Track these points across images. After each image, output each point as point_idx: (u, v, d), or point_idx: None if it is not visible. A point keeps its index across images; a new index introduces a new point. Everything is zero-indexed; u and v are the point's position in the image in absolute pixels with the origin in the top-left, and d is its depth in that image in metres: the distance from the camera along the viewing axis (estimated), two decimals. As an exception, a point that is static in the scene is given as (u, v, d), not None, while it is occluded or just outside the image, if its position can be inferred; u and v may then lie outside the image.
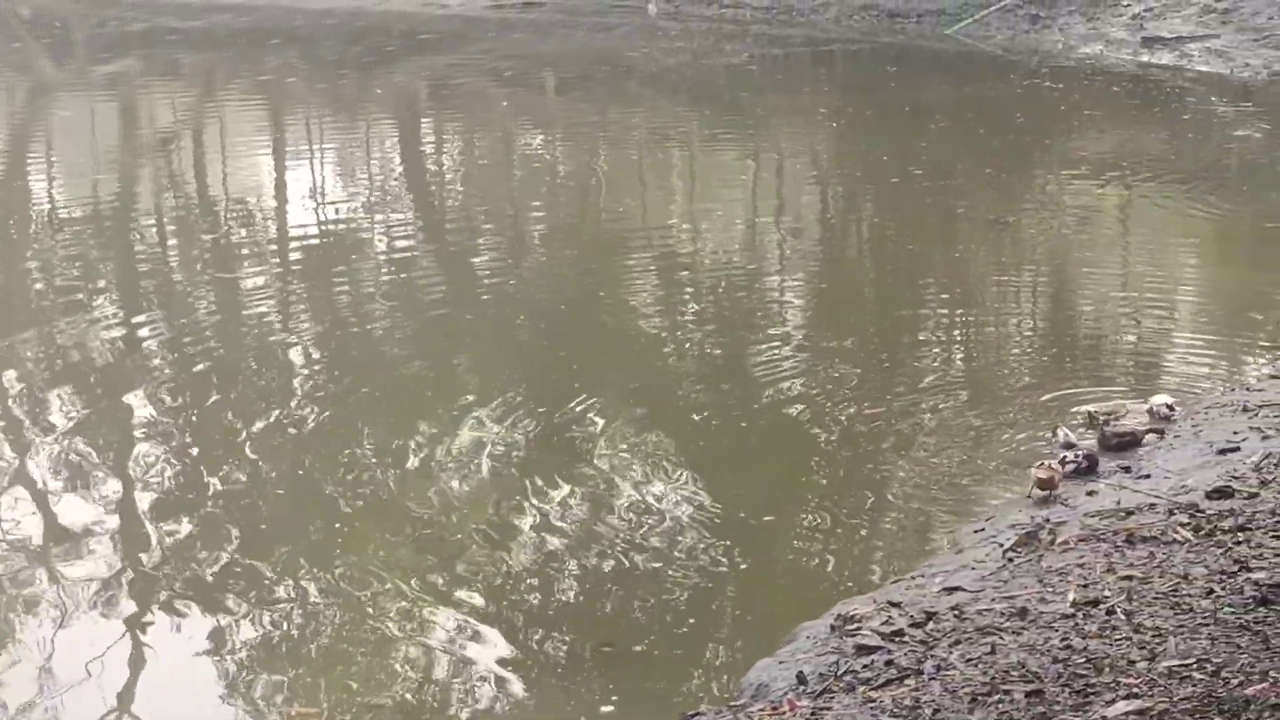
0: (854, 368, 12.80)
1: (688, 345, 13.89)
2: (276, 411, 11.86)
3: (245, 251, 17.13)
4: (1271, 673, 6.53)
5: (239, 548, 9.71)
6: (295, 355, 13.31)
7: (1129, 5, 31.30)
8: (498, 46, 33.10)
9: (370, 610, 8.99)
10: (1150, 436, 10.62)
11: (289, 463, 11.00)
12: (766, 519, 10.08)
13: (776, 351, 13.34)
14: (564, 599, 9.12)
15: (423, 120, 26.70)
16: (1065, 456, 10.10)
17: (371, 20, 36.35)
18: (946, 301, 15.06)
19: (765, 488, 10.60)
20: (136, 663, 8.60)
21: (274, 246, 17.44)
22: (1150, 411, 11.10)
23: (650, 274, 16.00)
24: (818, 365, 12.90)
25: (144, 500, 10.40)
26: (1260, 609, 7.23)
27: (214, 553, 9.64)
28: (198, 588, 9.26)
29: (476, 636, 8.76)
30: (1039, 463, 9.93)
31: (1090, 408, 11.47)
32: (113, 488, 10.65)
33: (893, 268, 16.33)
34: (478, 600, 9.11)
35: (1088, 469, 9.99)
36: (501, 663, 8.51)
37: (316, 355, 13.37)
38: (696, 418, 11.98)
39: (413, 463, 10.86)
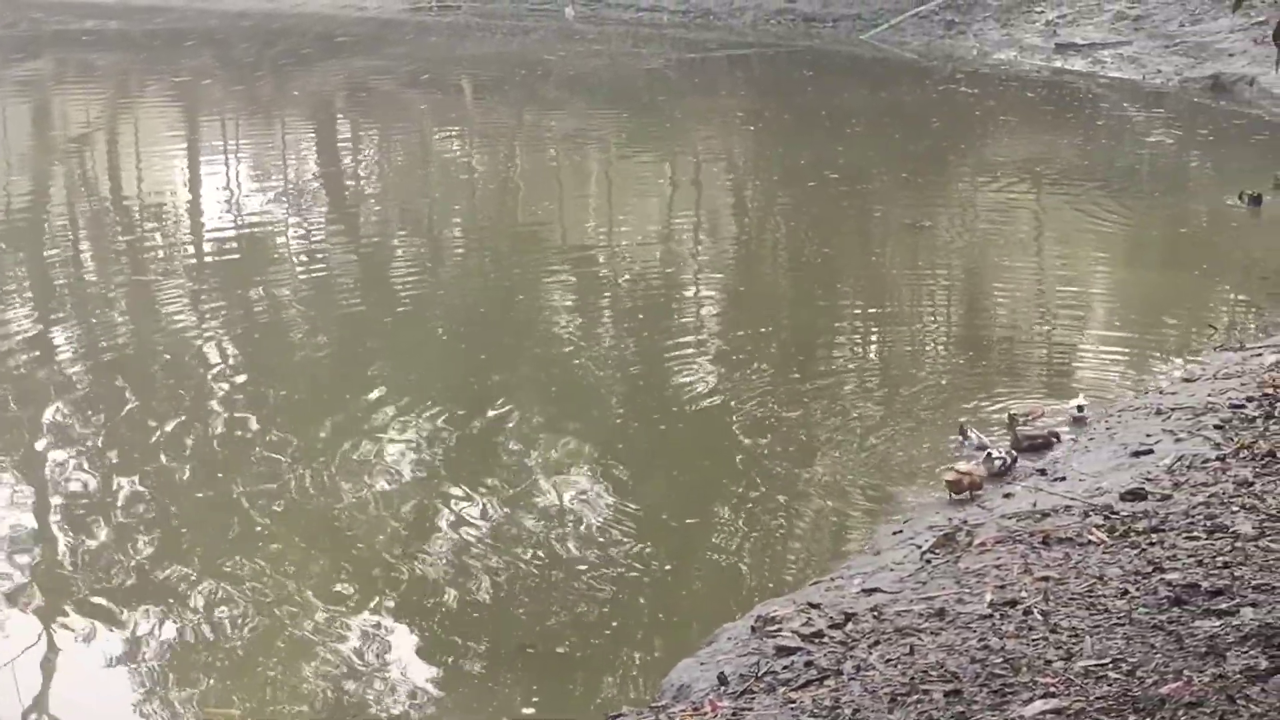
0: (771, 370, 12.85)
1: (605, 348, 13.90)
2: (191, 415, 11.76)
3: (160, 254, 16.99)
4: (1185, 672, 6.60)
5: (153, 552, 9.63)
6: (210, 358, 13.20)
7: (1043, 12, 31.60)
8: (415, 49, 33.01)
9: (287, 613, 8.94)
10: (1064, 438, 10.73)
11: (204, 466, 10.92)
12: (686, 521, 10.10)
13: (694, 354, 13.37)
14: (484, 601, 9.10)
15: (339, 123, 26.58)
16: (988, 455, 10.18)
17: (288, 22, 36.17)
18: (863, 304, 15.15)
19: (684, 490, 10.62)
20: (49, 666, 8.52)
21: (189, 249, 17.32)
22: (1063, 411, 11.23)
23: (568, 277, 16.00)
24: (735, 368, 12.94)
25: (55, 505, 10.29)
26: (1174, 609, 7.31)
27: (128, 557, 9.56)
28: (112, 592, 9.18)
29: (395, 639, 8.74)
30: (956, 465, 10.00)
31: (1007, 409, 11.59)
32: (24, 492, 10.55)
33: (810, 271, 16.39)
34: (396, 603, 9.09)
35: (1004, 471, 10.08)
36: (420, 665, 8.49)
37: (232, 358, 13.28)
38: (614, 421, 12.00)
39: (329, 466, 10.79)
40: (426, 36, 34.79)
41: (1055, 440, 10.74)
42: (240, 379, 12.76)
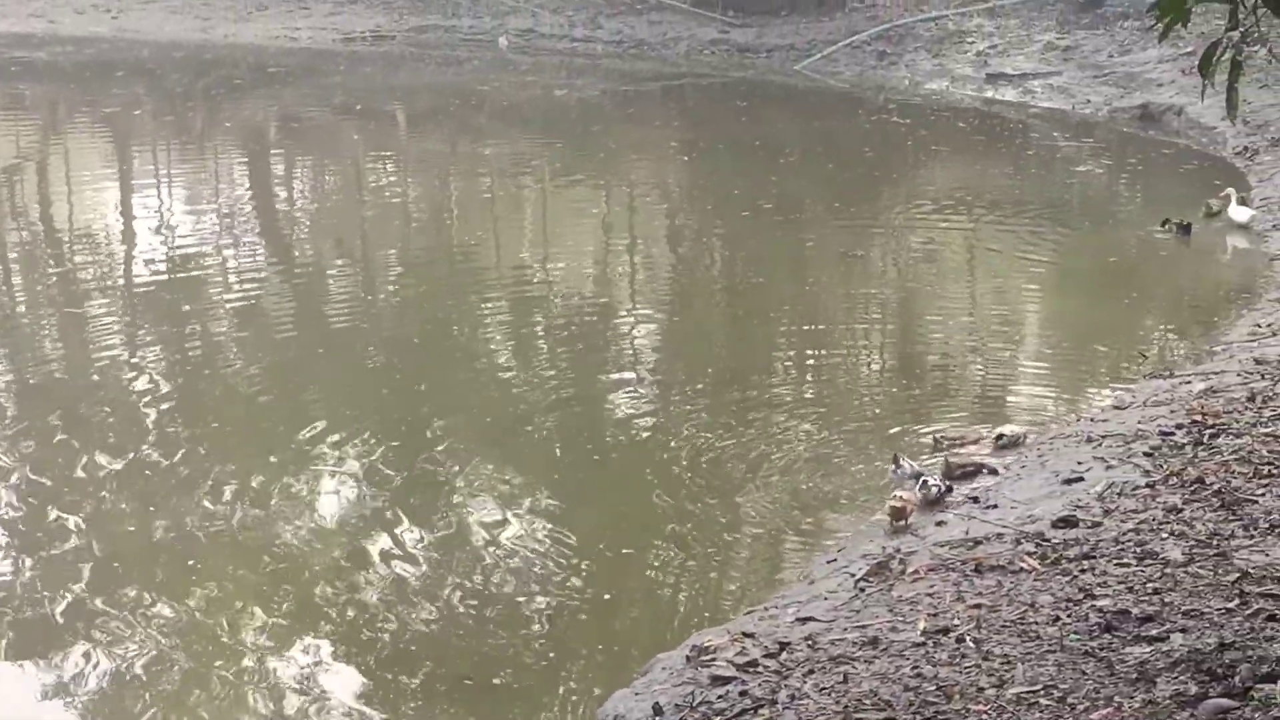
0: (706, 401, 12.88)
1: (541, 379, 13.89)
2: (126, 448, 11.67)
3: (92, 286, 16.87)
4: (1116, 698, 6.66)
5: (89, 586, 9.54)
6: (144, 391, 13.11)
7: (974, 42, 31.88)
8: (348, 80, 32.96)
9: (222, 648, 8.88)
10: (994, 466, 10.80)
11: (139, 500, 10.83)
12: (622, 551, 10.12)
13: (629, 385, 13.40)
14: (420, 633, 9.07)
15: (272, 153, 26.48)
16: (923, 483, 10.23)
17: (220, 53, 36.05)
18: (797, 334, 15.22)
19: (620, 520, 10.62)
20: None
21: (121, 281, 17.19)
22: (995, 439, 11.32)
23: (503, 308, 15.99)
24: (670, 398, 12.97)
25: (-12, 539, 10.20)
26: (1105, 635, 7.38)
27: (63, 591, 9.46)
28: (41, 628, 9.09)
29: (332, 671, 8.70)
30: (898, 493, 10.05)
31: (937, 433, 11.68)
32: (-45, 527, 10.44)
33: (744, 301, 16.44)
34: (333, 635, 9.05)
35: (939, 499, 10.13)
36: (357, 697, 8.45)
37: (166, 391, 13.19)
38: (550, 451, 12.00)
39: (265, 498, 10.75)
40: (360, 67, 34.75)
41: (982, 468, 10.81)
42: (173, 411, 12.68)
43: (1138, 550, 8.51)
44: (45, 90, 31.91)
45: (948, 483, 10.36)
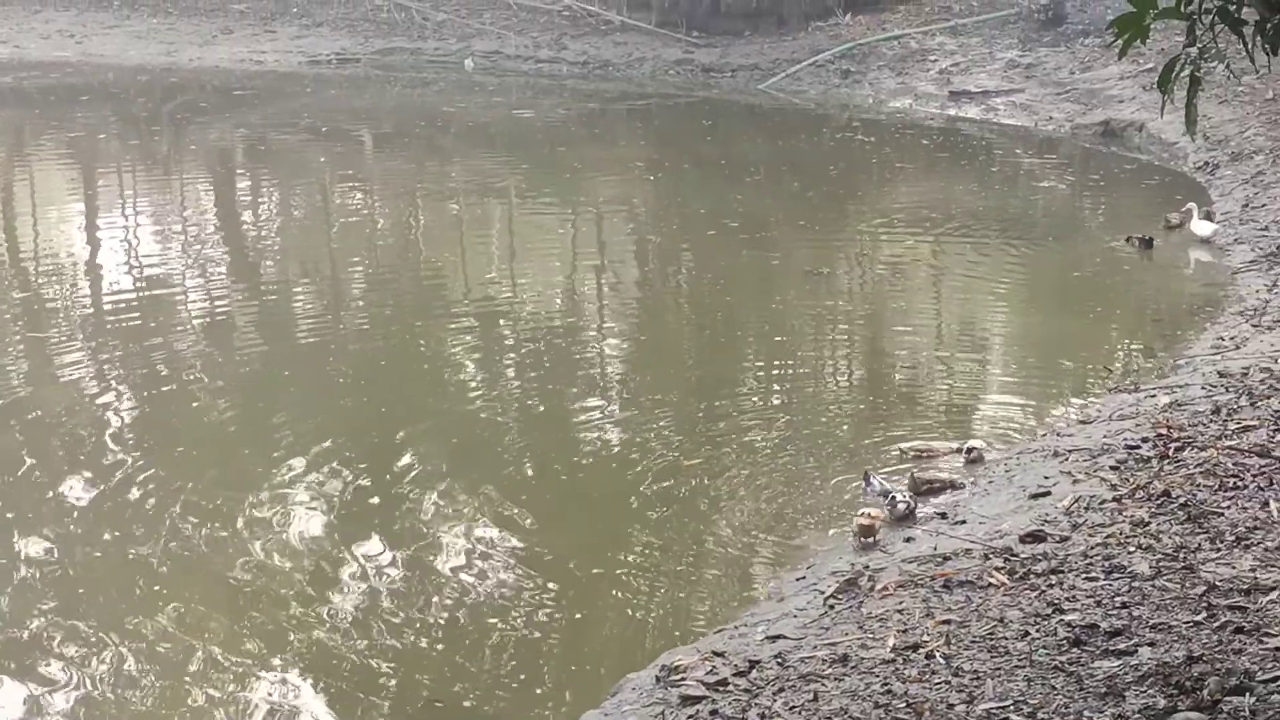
0: (674, 419, 12.91)
1: (508, 399, 13.90)
2: (91, 473, 11.65)
3: (58, 310, 16.82)
4: (1085, 713, 6.69)
5: (54, 612, 9.51)
6: (109, 415, 13.07)
7: (936, 60, 32.01)
8: (314, 102, 32.94)
9: (191, 670, 8.87)
10: (962, 481, 10.85)
11: (105, 525, 10.79)
12: (591, 571, 10.12)
13: (597, 405, 13.41)
14: (391, 656, 9.06)
15: (239, 176, 26.43)
16: (891, 500, 10.27)
17: (185, 76, 36.00)
18: (764, 352, 15.25)
19: (589, 540, 10.63)
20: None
21: (87, 305, 17.15)
22: (962, 454, 11.38)
23: (470, 328, 16.00)
24: (638, 417, 12.99)
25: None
26: (1073, 650, 7.41)
27: (28, 618, 9.43)
28: (11, 653, 9.06)
29: (301, 695, 8.68)
30: (867, 510, 10.09)
31: (905, 448, 11.74)
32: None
33: (711, 319, 16.48)
34: (302, 660, 9.03)
35: (907, 515, 10.17)
36: (327, 723, 8.45)
37: (131, 414, 13.16)
38: (518, 471, 12.00)
39: (232, 522, 10.73)
40: (325, 89, 34.74)
41: (949, 484, 10.86)
42: (139, 436, 12.64)
43: (1105, 564, 8.55)
44: (10, 115, 31.84)
45: (916, 499, 10.40)
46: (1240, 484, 9.65)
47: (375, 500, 11.25)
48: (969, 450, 11.39)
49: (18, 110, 32.34)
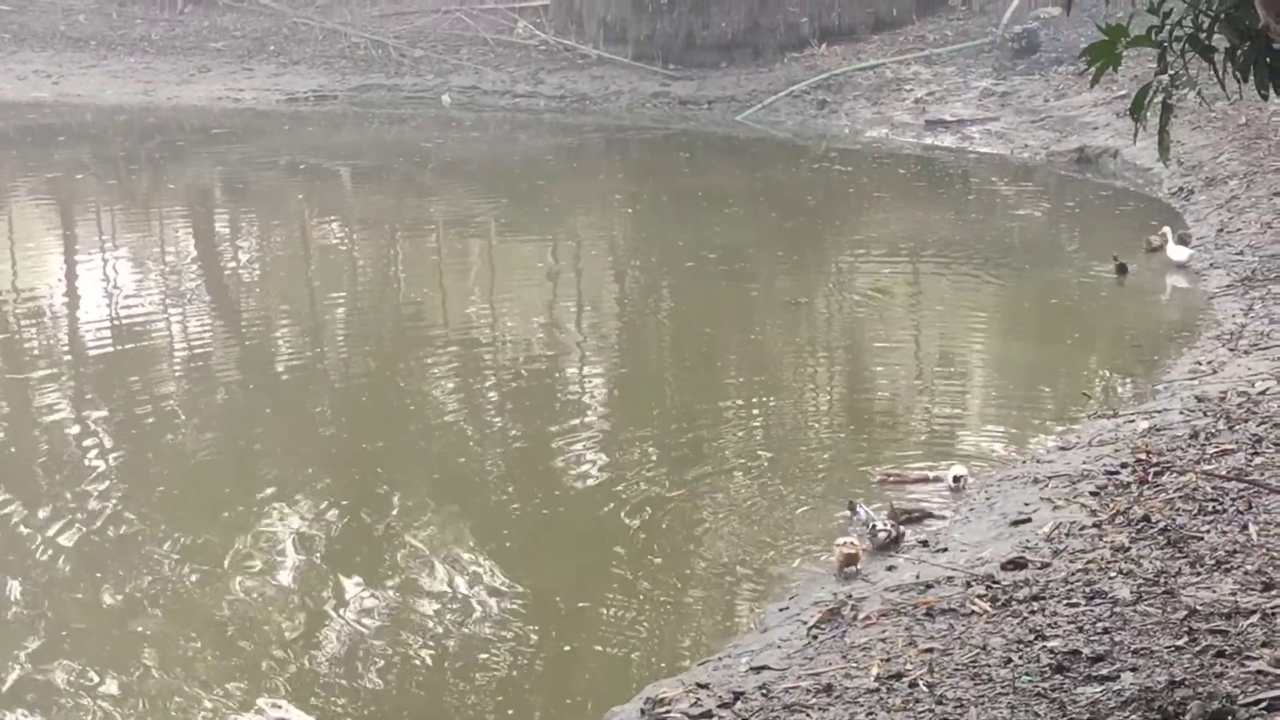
0: (655, 451, 12.93)
1: (490, 434, 13.91)
2: (71, 514, 11.61)
3: (37, 351, 16.80)
4: (1068, 737, 6.72)
5: (35, 656, 9.48)
6: (91, 455, 13.06)
7: (912, 89, 32.14)
8: (292, 139, 32.98)
9: (174, 713, 8.84)
10: (942, 510, 10.89)
11: (86, 565, 10.77)
12: (574, 604, 10.12)
13: (578, 438, 13.42)
14: (376, 692, 9.05)
15: (217, 215, 26.43)
16: (872, 529, 10.30)
17: (163, 115, 36.02)
18: (744, 382, 15.27)
19: (572, 573, 10.64)
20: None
21: (67, 345, 17.14)
22: (945, 481, 11.42)
23: (451, 363, 16.00)
24: (619, 450, 13.00)
25: (-65, 610, 10.12)
26: (1056, 676, 7.44)
27: (8, 662, 9.40)
28: (-5, 697, 9.05)
29: (285, 735, 8.67)
30: (842, 540, 10.11)
31: (886, 476, 11.78)
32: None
33: (691, 351, 16.51)
34: (286, 696, 9.00)
35: (890, 544, 10.20)
36: (312, 761, 8.43)
37: (111, 455, 13.14)
38: (501, 506, 12.00)
39: (214, 561, 10.71)
40: (303, 126, 34.77)
41: (935, 513, 10.90)
42: (121, 476, 12.63)
43: (1087, 590, 8.58)
44: (-14, 157, 31.81)
45: (899, 527, 10.43)
46: (1219, 508, 9.70)
47: (357, 537, 11.24)
48: (955, 478, 11.42)
49: (-6, 151, 32.34)
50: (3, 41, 42.04)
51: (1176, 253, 18.33)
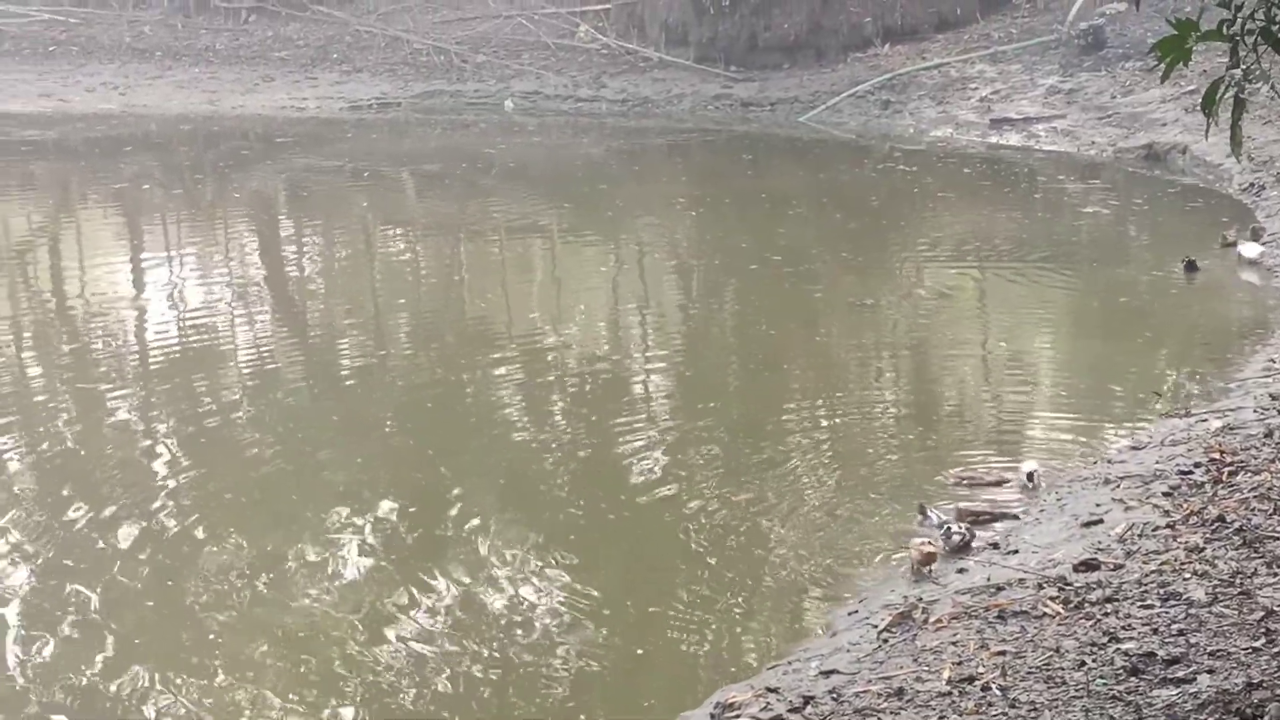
0: (721, 454, 12.86)
1: (555, 438, 13.88)
2: (141, 522, 11.65)
3: (106, 360, 16.89)
4: (1145, 741, 6.62)
5: (107, 663, 9.51)
6: (158, 464, 13.11)
7: (977, 88, 31.96)
8: (355, 147, 33.11)
9: (244, 718, 8.85)
10: (1014, 511, 10.79)
11: (156, 574, 10.80)
12: (642, 609, 10.07)
13: (643, 441, 13.37)
14: (443, 699, 9.02)
15: (282, 222, 26.57)
16: (945, 531, 10.21)
17: (227, 125, 36.25)
18: (810, 385, 15.19)
19: (639, 578, 10.60)
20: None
21: (135, 354, 17.22)
22: (1017, 481, 11.32)
23: (515, 368, 15.99)
24: (685, 453, 12.95)
25: (3, 619, 10.13)
26: (1131, 679, 7.34)
27: (81, 669, 9.43)
28: (64, 706, 9.06)
29: (354, 742, 8.66)
30: (918, 540, 10.04)
31: (956, 478, 11.69)
32: (-27, 606, 10.40)
33: (756, 353, 16.43)
34: (354, 706, 9.00)
35: (962, 546, 10.10)
36: (380, 768, 8.41)
37: (181, 462, 13.19)
38: (566, 511, 11.96)
39: (281, 568, 10.73)
40: (367, 134, 34.92)
41: (1005, 514, 10.80)
42: (190, 483, 12.66)
43: (1161, 591, 8.47)
44: (56, 168, 32.07)
45: (971, 529, 10.33)
46: (1296, 507, 9.57)
47: (424, 541, 11.24)
48: (1028, 474, 11.32)
49: (63, 163, 32.61)
50: (71, 54, 42.44)
51: (1248, 249, 18.14)
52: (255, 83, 39.23)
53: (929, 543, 9.98)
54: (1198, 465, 10.73)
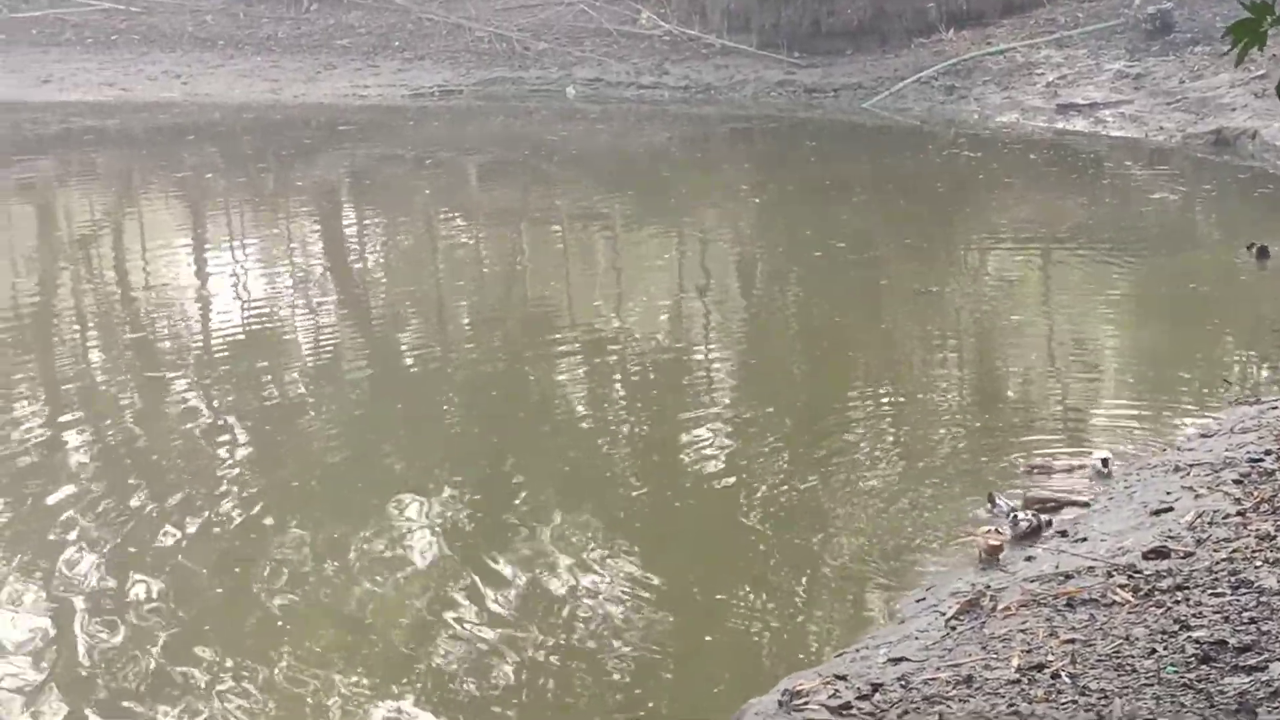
0: (785, 441, 12.81)
1: (618, 426, 13.86)
2: (206, 510, 11.70)
3: (170, 349, 16.97)
4: (1218, 730, 6.54)
5: (171, 651, 9.53)
6: (223, 452, 13.16)
7: (1043, 73, 31.72)
8: (418, 134, 33.18)
9: (307, 706, 8.87)
10: (1083, 499, 10.69)
11: (220, 561, 10.84)
12: (707, 596, 10.04)
13: (707, 429, 13.33)
14: (506, 687, 9.02)
15: (344, 211, 26.64)
16: (1014, 519, 10.15)
17: (289, 113, 36.35)
18: (875, 372, 15.12)
19: (704, 566, 10.56)
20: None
21: (198, 343, 17.30)
22: (1090, 467, 11.22)
23: (578, 356, 15.98)
24: (749, 441, 12.90)
25: (72, 606, 10.18)
26: (1202, 667, 7.26)
27: (146, 656, 9.47)
28: (131, 691, 9.10)
29: (419, 727, 8.67)
30: (986, 528, 9.98)
31: (1025, 465, 11.61)
32: (39, 593, 10.46)
33: (820, 340, 16.37)
34: (417, 693, 9.01)
35: (1031, 533, 10.02)
36: (445, 754, 8.41)
37: (245, 451, 13.24)
38: (630, 499, 11.94)
39: (346, 556, 10.75)
40: (429, 121, 34.97)
41: (1073, 501, 10.70)
42: (253, 471, 12.72)
43: (1232, 579, 8.38)
44: (118, 157, 32.26)
45: (1042, 517, 10.25)
46: (1369, 494, 9.45)
47: (487, 529, 11.24)
48: (1103, 461, 11.21)
49: (126, 151, 32.79)
50: (132, 43, 42.63)
51: (1318, 235, 17.96)
52: (317, 71, 39.32)
53: (997, 531, 9.91)
54: (1269, 453, 10.61)
